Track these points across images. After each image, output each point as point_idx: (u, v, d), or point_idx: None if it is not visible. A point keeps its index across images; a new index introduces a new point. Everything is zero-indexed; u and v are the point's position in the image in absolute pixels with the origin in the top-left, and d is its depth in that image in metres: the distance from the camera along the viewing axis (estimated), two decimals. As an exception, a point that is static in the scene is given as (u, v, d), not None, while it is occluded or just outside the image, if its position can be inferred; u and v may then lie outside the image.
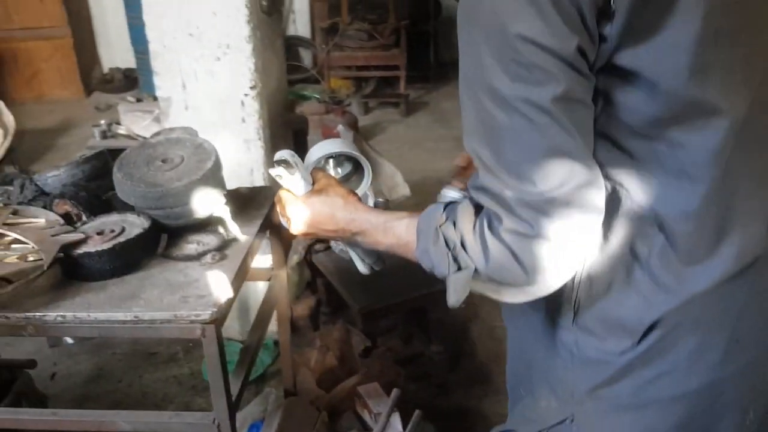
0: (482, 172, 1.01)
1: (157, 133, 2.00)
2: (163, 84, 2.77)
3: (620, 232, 1.04)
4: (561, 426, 1.22)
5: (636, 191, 1.02)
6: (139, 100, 6.33)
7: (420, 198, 3.73)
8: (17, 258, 1.57)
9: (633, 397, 1.12)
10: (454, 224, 1.06)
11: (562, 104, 0.92)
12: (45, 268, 1.55)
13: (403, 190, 3.69)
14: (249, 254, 1.75)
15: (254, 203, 2.02)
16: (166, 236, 1.76)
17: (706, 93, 0.95)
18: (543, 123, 0.92)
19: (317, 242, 2.98)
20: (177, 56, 2.70)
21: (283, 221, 1.34)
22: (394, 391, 2.11)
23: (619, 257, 1.06)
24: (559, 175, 0.94)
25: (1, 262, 1.54)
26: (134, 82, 6.92)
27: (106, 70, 7.31)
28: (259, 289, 2.85)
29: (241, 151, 2.81)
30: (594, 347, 1.12)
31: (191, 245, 1.75)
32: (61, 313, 1.51)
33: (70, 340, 3.19)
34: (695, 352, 1.09)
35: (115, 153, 1.93)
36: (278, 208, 1.33)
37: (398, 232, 1.17)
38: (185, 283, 1.60)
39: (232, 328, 3.02)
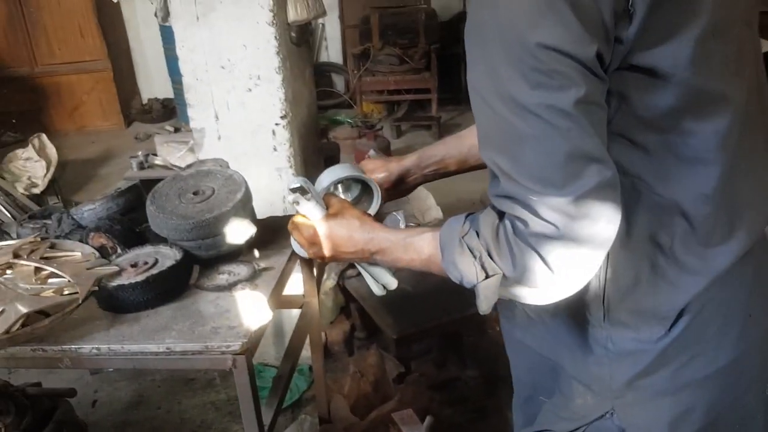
0: (503, 180, 1.02)
1: (189, 166, 2.05)
2: (196, 115, 2.84)
3: (642, 224, 1.07)
4: (602, 420, 1.23)
5: (655, 183, 1.05)
6: (177, 129, 6.47)
7: (453, 221, 3.71)
8: (53, 292, 1.61)
9: (670, 383, 1.15)
10: (477, 233, 1.07)
11: (582, 107, 0.94)
12: (80, 301, 1.59)
13: (436, 213, 3.69)
14: (280, 283, 1.77)
15: (286, 231, 2.03)
16: (198, 267, 1.79)
17: (712, 81, 1.01)
18: (565, 127, 0.94)
19: (349, 267, 2.99)
20: (209, 88, 2.77)
21: (296, 247, 1.36)
22: (428, 419, 2.10)
23: (643, 249, 1.08)
24: (582, 175, 0.95)
25: (39, 296, 1.58)
26: (172, 111, 7.06)
27: (145, 100, 7.48)
28: (294, 314, 2.88)
29: (273, 179, 2.86)
30: (630, 338, 1.14)
31: (222, 276, 1.78)
32: (96, 346, 1.54)
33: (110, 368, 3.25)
34: (721, 329, 1.13)
35: (149, 184, 1.97)
36: (294, 236, 1.35)
37: (419, 247, 1.18)
38: (216, 313, 1.63)
39: (268, 353, 3.04)
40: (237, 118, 2.80)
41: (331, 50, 7.32)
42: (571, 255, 0.99)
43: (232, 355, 1.52)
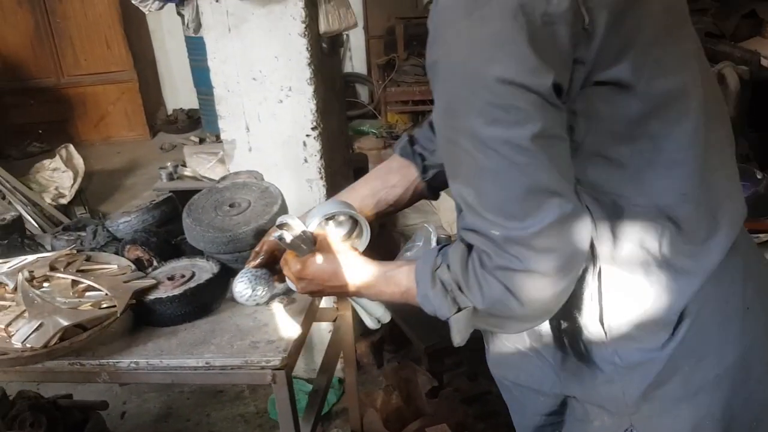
0: (469, 213, 1.03)
1: (223, 178, 2.04)
2: (227, 127, 2.82)
3: (629, 237, 1.07)
4: None
5: (634, 195, 1.05)
6: (202, 140, 6.49)
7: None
8: (91, 305, 1.60)
9: (684, 389, 1.14)
10: (448, 267, 1.09)
11: (540, 141, 0.95)
12: (118, 314, 1.58)
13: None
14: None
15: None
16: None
17: (671, 81, 1.03)
18: (523, 162, 0.95)
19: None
20: (241, 100, 2.75)
21: (289, 282, 1.37)
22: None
23: (634, 259, 1.08)
24: (542, 209, 0.97)
25: (77, 310, 1.57)
26: (197, 122, 7.08)
27: (170, 111, 7.50)
28: (323, 327, 2.86)
29: (303, 191, 2.84)
30: (635, 349, 1.13)
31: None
32: (135, 360, 1.53)
33: (138, 379, 3.25)
34: (722, 326, 1.14)
35: (180, 195, 1.96)
36: (285, 271, 1.36)
37: (398, 280, 1.19)
38: (254, 327, 1.61)
39: (297, 366, 3.02)
40: (268, 130, 2.78)
41: (356, 60, 7.31)
42: (538, 286, 1.01)
43: (272, 370, 1.50)
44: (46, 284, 1.69)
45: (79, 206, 5.12)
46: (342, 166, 3.09)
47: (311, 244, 1.30)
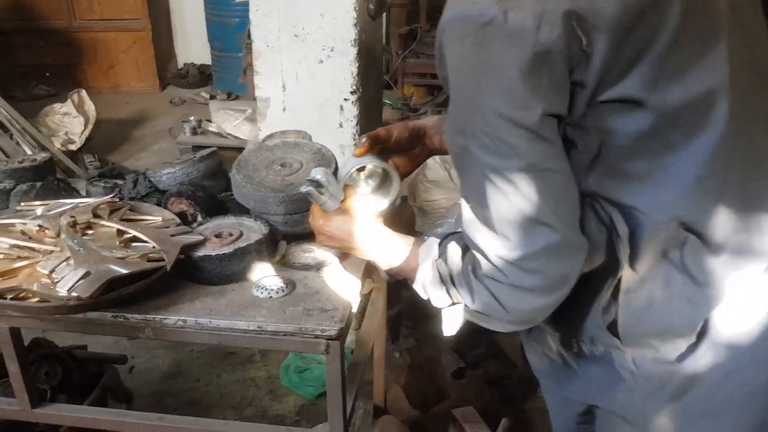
0: (465, 218, 1.07)
1: (270, 136, 1.95)
2: (263, 84, 2.74)
3: (651, 248, 1.05)
4: None
5: (652, 210, 1.03)
6: (212, 96, 6.37)
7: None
8: (139, 257, 1.53)
9: (706, 404, 1.11)
10: (446, 261, 1.13)
11: (526, 175, 0.96)
12: (167, 269, 1.50)
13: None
14: (368, 267, 1.68)
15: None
16: (284, 243, 1.70)
17: (694, 87, 0.96)
18: (510, 191, 0.97)
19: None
20: (280, 56, 2.67)
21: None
22: (504, 421, 2.02)
23: (655, 270, 1.06)
24: (529, 236, 0.99)
25: (124, 260, 1.49)
26: (208, 78, 6.95)
27: (180, 65, 7.36)
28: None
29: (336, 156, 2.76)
30: (651, 359, 1.11)
31: (308, 254, 1.69)
32: (182, 318, 1.46)
33: (148, 334, 3.18)
34: (754, 345, 1.07)
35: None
36: (310, 220, 1.38)
37: (406, 258, 1.24)
38: (306, 294, 1.54)
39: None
40: (305, 90, 2.70)
41: (375, 29, 7.19)
42: (523, 299, 1.04)
43: (326, 340, 1.43)
44: (89, 231, 1.61)
45: (87, 154, 5.01)
46: (374, 134, 3.01)
47: (338, 202, 1.33)
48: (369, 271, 1.71)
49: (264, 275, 1.58)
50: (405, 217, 3.45)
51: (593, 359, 1.18)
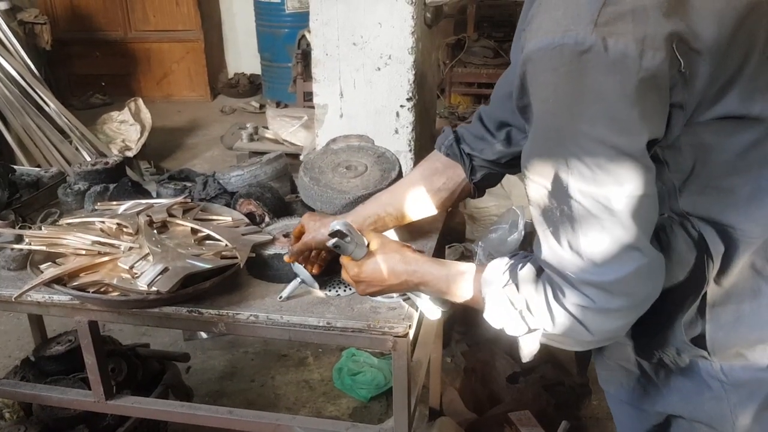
0: (544, 245, 1.05)
1: (334, 140, 2.00)
2: (321, 91, 2.80)
3: (740, 264, 1.04)
4: None
5: (749, 228, 1.02)
6: (262, 106, 6.49)
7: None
8: (213, 255, 1.58)
9: None
10: (517, 287, 1.10)
11: (625, 202, 0.94)
12: (240, 266, 1.56)
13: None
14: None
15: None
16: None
17: None
18: (604, 218, 0.96)
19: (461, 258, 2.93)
20: (338, 64, 2.72)
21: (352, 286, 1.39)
22: (564, 423, 2.03)
23: (743, 283, 1.05)
24: (620, 261, 0.97)
25: (201, 257, 1.55)
26: (258, 87, 7.08)
27: (231, 74, 7.52)
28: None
29: (392, 162, 2.81)
30: (740, 367, 1.10)
31: (374, 254, 1.73)
32: (254, 313, 1.51)
33: (204, 335, 3.26)
34: None
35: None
36: (343, 275, 1.37)
37: (461, 287, 1.22)
38: (372, 293, 1.58)
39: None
40: (362, 97, 2.76)
41: (421, 39, 7.25)
42: (609, 320, 1.04)
43: (394, 337, 1.47)
44: (165, 230, 1.68)
45: (143, 161, 5.14)
46: (428, 141, 3.05)
47: (364, 248, 1.33)
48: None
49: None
50: (454, 224, 3.48)
51: (677, 369, 1.17)
